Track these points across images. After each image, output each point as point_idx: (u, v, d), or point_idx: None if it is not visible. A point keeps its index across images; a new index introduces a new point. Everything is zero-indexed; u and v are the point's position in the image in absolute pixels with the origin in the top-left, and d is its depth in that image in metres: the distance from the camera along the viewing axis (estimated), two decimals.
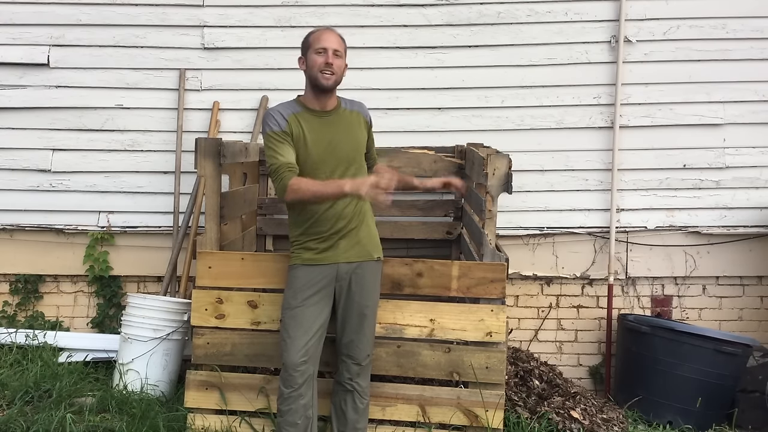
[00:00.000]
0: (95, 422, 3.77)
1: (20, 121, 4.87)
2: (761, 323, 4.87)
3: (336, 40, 3.10)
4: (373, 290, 3.21)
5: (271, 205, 4.71)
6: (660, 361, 4.30)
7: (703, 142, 4.80)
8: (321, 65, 3.04)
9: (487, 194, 3.34)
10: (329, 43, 3.07)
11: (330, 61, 3.04)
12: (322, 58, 3.04)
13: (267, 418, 3.45)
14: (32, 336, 4.59)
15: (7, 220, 4.89)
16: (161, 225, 4.85)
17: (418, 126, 4.82)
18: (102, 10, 4.83)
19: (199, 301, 3.49)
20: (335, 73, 3.07)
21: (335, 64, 3.06)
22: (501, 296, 3.36)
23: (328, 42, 3.07)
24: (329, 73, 3.05)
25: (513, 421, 3.67)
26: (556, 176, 4.82)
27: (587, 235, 4.86)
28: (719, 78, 4.76)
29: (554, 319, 4.91)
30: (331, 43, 3.07)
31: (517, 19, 4.79)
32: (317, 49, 3.06)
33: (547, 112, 4.81)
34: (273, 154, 3.04)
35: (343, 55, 3.12)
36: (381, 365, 3.41)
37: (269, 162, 3.05)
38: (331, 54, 3.05)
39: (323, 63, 3.04)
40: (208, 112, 4.84)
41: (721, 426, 4.30)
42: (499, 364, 3.37)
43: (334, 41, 3.08)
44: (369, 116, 3.29)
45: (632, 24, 4.76)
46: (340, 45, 3.11)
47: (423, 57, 4.82)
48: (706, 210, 4.82)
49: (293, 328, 3.06)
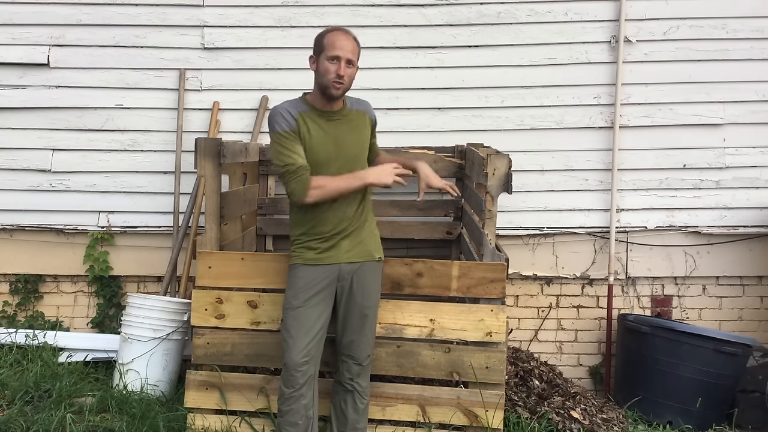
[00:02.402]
0: (95, 422, 3.77)
1: (20, 121, 4.87)
2: (761, 323, 4.87)
3: (350, 46, 3.00)
4: (374, 290, 3.21)
5: (271, 205, 4.71)
6: (660, 361, 4.30)
7: (703, 142, 4.80)
8: (333, 75, 2.97)
9: (487, 194, 3.34)
10: (343, 51, 2.97)
11: (342, 72, 2.97)
12: (334, 67, 2.97)
13: (267, 418, 3.45)
14: (32, 336, 4.59)
15: (7, 220, 4.89)
16: (161, 225, 4.85)
17: (418, 126, 4.82)
18: (102, 10, 4.83)
19: (199, 301, 3.48)
20: (345, 83, 3.01)
21: (347, 75, 2.99)
22: (501, 296, 3.36)
23: (343, 50, 2.97)
24: (339, 83, 2.99)
25: (513, 421, 3.67)
26: (556, 176, 4.82)
27: (587, 235, 4.86)
28: (719, 78, 4.76)
29: (554, 319, 4.91)
30: (346, 52, 2.98)
31: (517, 19, 4.79)
32: (330, 56, 2.97)
33: (547, 112, 4.81)
34: (288, 154, 2.99)
35: (356, 61, 3.04)
36: (381, 365, 3.40)
37: (283, 161, 2.99)
38: (344, 65, 2.97)
39: (335, 73, 2.97)
40: (208, 112, 4.84)
41: (721, 426, 4.31)
42: (499, 364, 3.37)
43: (348, 49, 2.99)
44: (374, 115, 3.26)
45: (632, 24, 4.76)
46: (354, 52, 3.02)
47: (423, 57, 4.82)
48: (706, 210, 4.82)
49: (295, 328, 3.06)
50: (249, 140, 4.73)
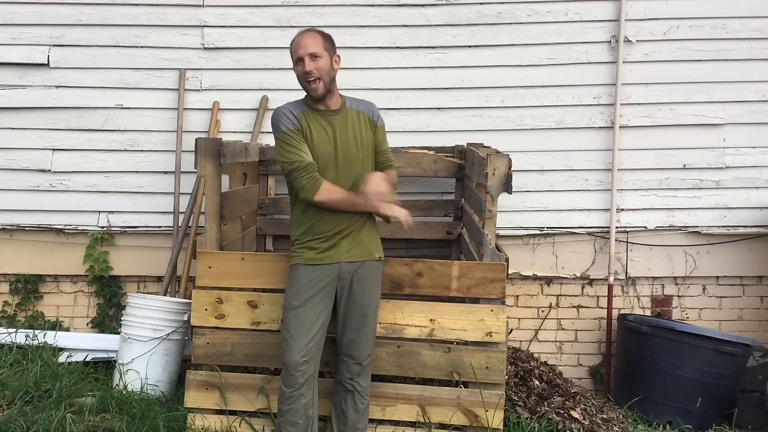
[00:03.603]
0: (95, 422, 3.77)
1: (20, 121, 4.87)
2: (761, 323, 4.87)
3: (310, 42, 3.04)
4: (374, 290, 3.21)
5: (271, 205, 4.71)
6: (660, 361, 4.30)
7: (703, 142, 4.80)
8: (302, 75, 3.04)
9: (487, 194, 3.34)
10: (303, 49, 3.03)
11: (307, 69, 3.00)
12: (300, 68, 3.04)
13: (267, 418, 3.45)
14: (32, 336, 4.59)
15: (7, 220, 4.89)
16: (161, 225, 4.85)
17: (418, 126, 4.82)
18: (102, 10, 4.83)
19: (199, 301, 3.49)
20: (320, 77, 3.02)
21: (315, 68, 3.01)
22: (501, 296, 3.36)
23: (302, 48, 3.03)
24: (312, 79, 3.02)
25: (513, 421, 3.67)
26: (556, 176, 4.82)
27: (587, 235, 4.86)
28: (719, 78, 4.76)
29: (554, 319, 4.91)
30: (305, 48, 3.02)
31: (517, 19, 4.79)
32: (295, 60, 3.06)
33: (547, 112, 4.81)
34: (295, 152, 3.03)
35: (324, 52, 3.04)
36: (381, 365, 3.41)
37: (290, 159, 3.03)
38: (308, 61, 3.01)
39: (302, 72, 3.03)
40: (208, 112, 4.84)
41: (721, 426, 4.31)
42: (499, 364, 3.37)
43: (307, 45, 3.03)
44: (377, 115, 3.25)
45: (632, 24, 4.76)
46: (317, 45, 3.04)
47: (423, 57, 4.82)
48: (706, 210, 4.82)
49: (294, 328, 3.06)
50: (249, 140, 4.73)
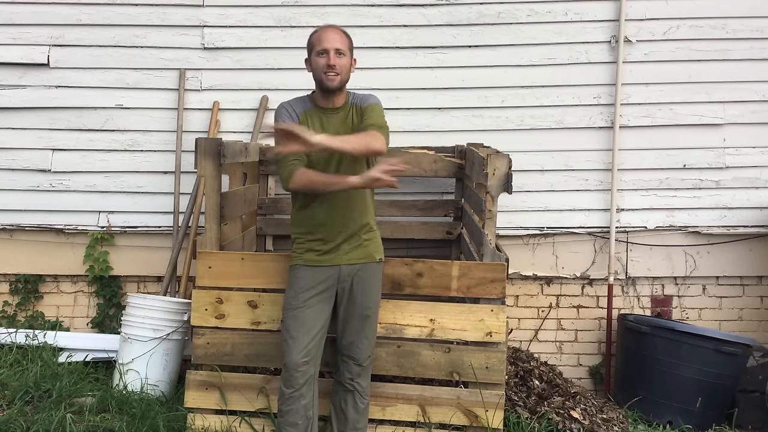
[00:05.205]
0: (95, 422, 3.77)
1: (20, 121, 4.86)
2: (761, 323, 4.87)
3: (337, 38, 3.05)
4: (375, 291, 3.21)
5: (271, 205, 4.71)
6: (660, 361, 4.30)
7: (703, 142, 4.80)
8: (323, 67, 3.01)
9: (487, 194, 3.34)
10: (330, 42, 3.02)
11: (332, 62, 3.01)
12: (324, 59, 3.02)
13: (267, 418, 3.45)
14: (32, 336, 4.59)
15: (7, 220, 4.89)
16: (161, 225, 4.85)
17: (418, 126, 4.82)
18: (102, 10, 4.83)
19: (199, 301, 3.49)
20: (339, 73, 3.03)
21: (338, 64, 3.02)
22: (501, 296, 3.36)
23: (329, 42, 3.02)
24: (333, 74, 3.02)
25: (513, 421, 3.67)
26: (556, 176, 4.82)
27: (587, 235, 4.86)
28: (719, 78, 4.76)
29: (554, 319, 4.91)
30: (332, 43, 3.02)
31: (517, 19, 4.79)
32: (319, 50, 3.03)
33: (547, 112, 4.81)
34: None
35: (348, 52, 3.07)
36: (381, 365, 3.40)
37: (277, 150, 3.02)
38: (333, 55, 3.01)
39: (325, 65, 3.01)
40: (208, 112, 4.83)
41: (721, 426, 4.31)
42: (499, 364, 3.37)
43: (335, 40, 3.04)
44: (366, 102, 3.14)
45: (632, 24, 4.75)
46: (343, 43, 3.06)
47: (423, 57, 4.82)
48: (706, 210, 4.82)
49: (294, 328, 3.06)
50: (249, 140, 4.73)
